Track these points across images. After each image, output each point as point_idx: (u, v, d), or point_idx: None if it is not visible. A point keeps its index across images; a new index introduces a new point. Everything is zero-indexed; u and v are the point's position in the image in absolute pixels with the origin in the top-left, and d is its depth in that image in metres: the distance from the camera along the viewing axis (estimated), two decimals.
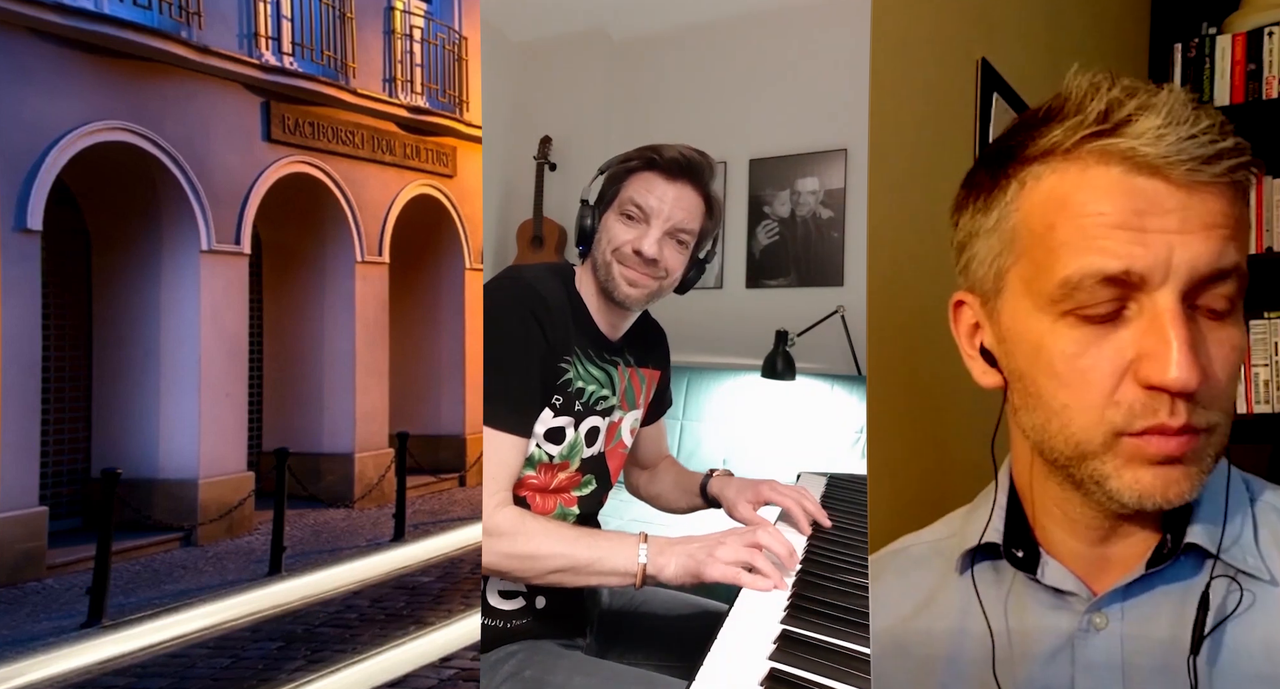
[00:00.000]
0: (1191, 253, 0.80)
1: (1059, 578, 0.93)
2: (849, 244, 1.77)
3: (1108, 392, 0.82)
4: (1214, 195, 0.81)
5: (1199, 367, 0.79)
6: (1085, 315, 0.82)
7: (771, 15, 1.81)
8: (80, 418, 7.09)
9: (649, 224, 1.48)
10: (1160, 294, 0.80)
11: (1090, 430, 0.83)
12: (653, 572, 1.36)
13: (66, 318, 7.01)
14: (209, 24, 7.07)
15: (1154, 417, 0.80)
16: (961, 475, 1.71)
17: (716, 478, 1.71)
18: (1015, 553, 0.95)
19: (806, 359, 1.80)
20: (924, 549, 1.09)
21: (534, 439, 1.49)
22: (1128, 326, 0.81)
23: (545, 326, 1.46)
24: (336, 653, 4.51)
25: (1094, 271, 0.80)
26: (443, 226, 9.65)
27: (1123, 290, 0.81)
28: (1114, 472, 0.83)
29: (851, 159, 1.75)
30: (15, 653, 4.55)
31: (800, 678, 1.11)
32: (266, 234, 8.40)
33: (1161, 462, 0.82)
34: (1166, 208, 0.80)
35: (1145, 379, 0.80)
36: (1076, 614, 0.92)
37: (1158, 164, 0.79)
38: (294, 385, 8.60)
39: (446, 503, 8.51)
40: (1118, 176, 0.81)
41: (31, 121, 6.00)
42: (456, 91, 9.56)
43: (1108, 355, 0.82)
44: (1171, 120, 0.79)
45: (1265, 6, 2.73)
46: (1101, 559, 0.92)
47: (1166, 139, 0.79)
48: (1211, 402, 0.81)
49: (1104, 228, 0.81)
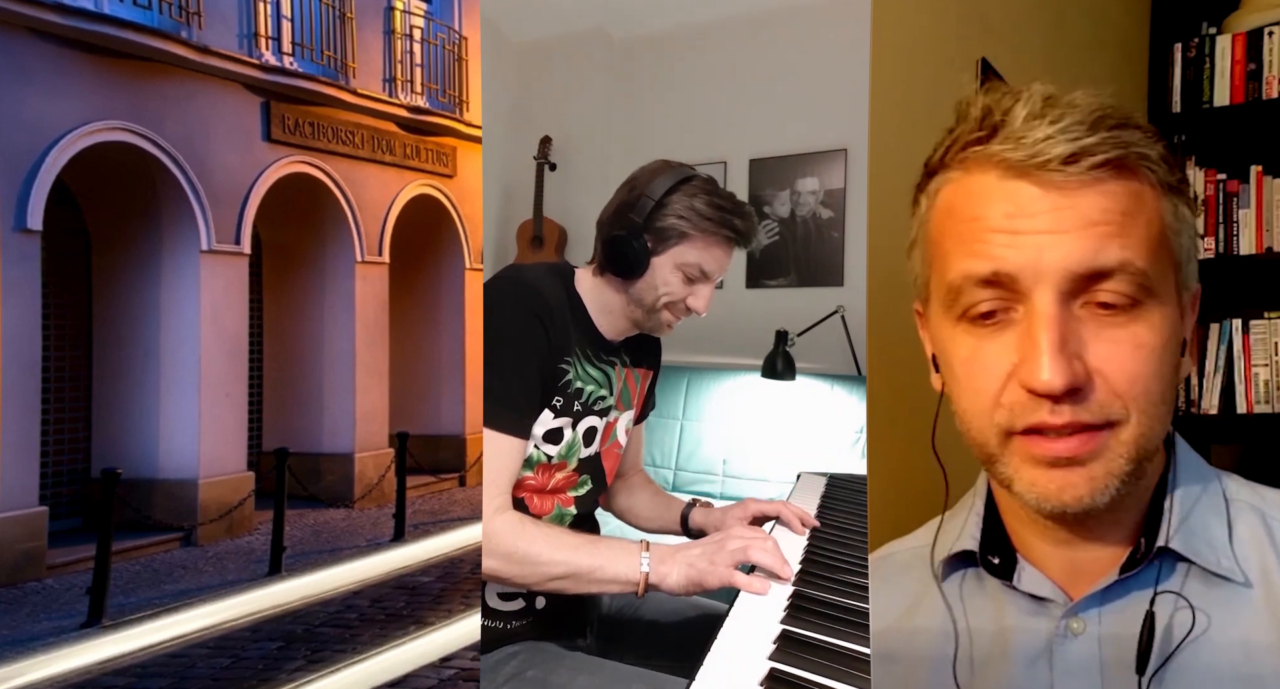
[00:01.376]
0: (1062, 253, 0.79)
1: (1035, 584, 0.93)
2: (849, 244, 1.78)
3: (994, 394, 0.83)
4: (1094, 192, 0.80)
5: (1070, 368, 0.78)
6: (974, 320, 0.84)
7: (771, 15, 1.81)
8: (80, 418, 7.09)
9: (706, 283, 1.52)
10: (1037, 296, 0.80)
11: (985, 433, 0.85)
12: (655, 580, 1.36)
13: (66, 318, 7.00)
14: (209, 24, 7.07)
15: (1035, 415, 0.81)
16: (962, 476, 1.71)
17: (698, 510, 1.71)
18: (991, 560, 0.96)
19: (806, 359, 1.80)
20: (908, 555, 1.09)
21: (533, 440, 1.49)
22: (1012, 330, 0.82)
23: (548, 327, 1.46)
24: (336, 653, 4.50)
25: (968, 274, 0.82)
26: (443, 226, 9.64)
27: (1002, 293, 0.81)
28: (1014, 473, 0.84)
29: (851, 159, 1.75)
30: (15, 653, 4.55)
31: (800, 678, 1.11)
32: (266, 234, 8.39)
33: (1056, 463, 0.81)
34: (1037, 210, 0.80)
35: (1021, 382, 0.80)
36: (1054, 619, 0.92)
37: (1024, 167, 0.80)
38: (294, 385, 8.60)
39: (446, 503, 8.51)
40: (994, 182, 0.82)
41: (31, 121, 6.00)
42: (456, 91, 9.56)
43: (993, 359, 0.83)
44: (1029, 120, 0.80)
45: (1265, 6, 2.73)
46: (1078, 563, 0.92)
47: (1025, 141, 0.79)
48: (1109, 400, 0.80)
49: (979, 232, 0.82)
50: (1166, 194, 0.83)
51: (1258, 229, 2.62)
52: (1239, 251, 2.62)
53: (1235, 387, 2.57)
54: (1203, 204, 2.66)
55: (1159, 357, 0.81)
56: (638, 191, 1.49)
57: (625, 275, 1.51)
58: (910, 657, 1.02)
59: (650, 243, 1.49)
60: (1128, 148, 0.80)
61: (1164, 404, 0.83)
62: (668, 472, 2.06)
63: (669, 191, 1.48)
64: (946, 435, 1.78)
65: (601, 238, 1.53)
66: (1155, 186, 0.83)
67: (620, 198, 1.53)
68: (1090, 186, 0.80)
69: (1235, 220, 2.63)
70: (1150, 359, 0.81)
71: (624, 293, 1.53)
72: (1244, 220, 2.63)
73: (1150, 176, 0.82)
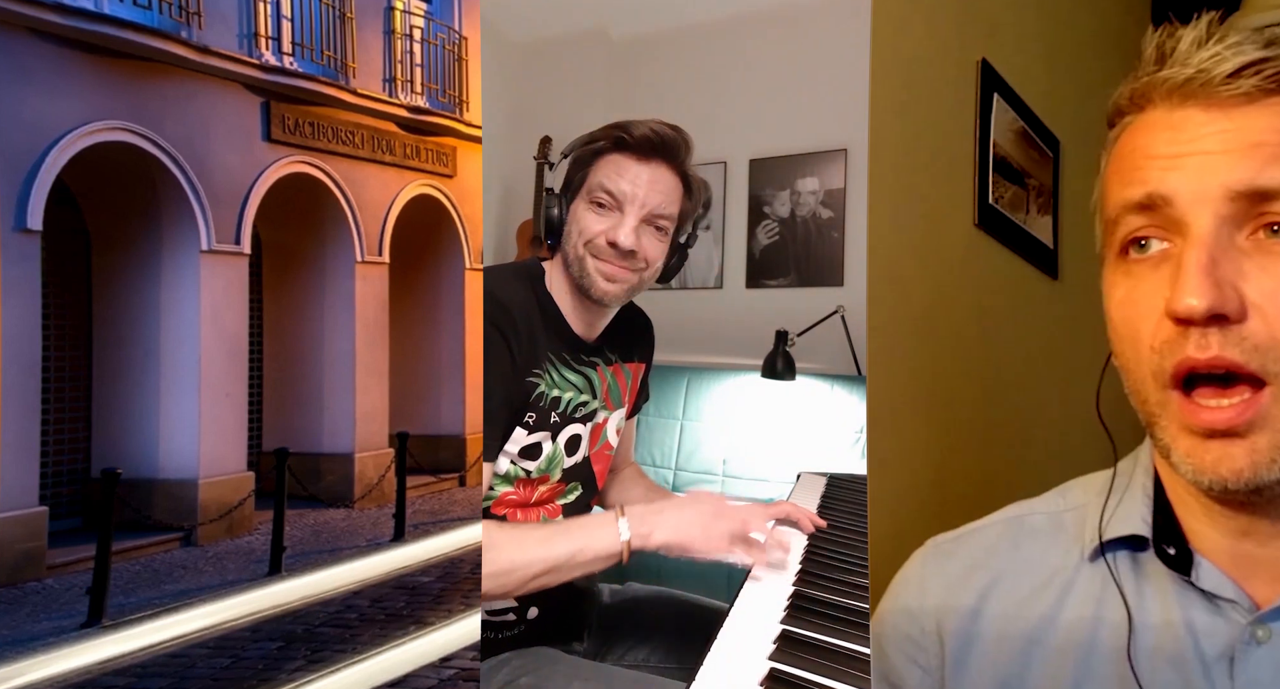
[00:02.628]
0: (1222, 172, 0.73)
1: (1216, 583, 0.83)
2: (849, 244, 1.77)
3: (1149, 336, 0.75)
4: (1261, 111, 0.75)
5: (1218, 291, 0.71)
6: (1131, 257, 0.77)
7: (771, 15, 1.81)
8: (80, 418, 7.09)
9: (623, 212, 1.35)
10: (1193, 219, 0.74)
11: (1145, 386, 0.77)
12: (638, 544, 1.29)
13: (66, 318, 7.00)
14: (209, 24, 7.07)
15: (1181, 351, 0.73)
16: (961, 475, 1.71)
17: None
18: (1167, 550, 0.85)
19: (806, 359, 1.80)
20: (1042, 521, 0.98)
21: (507, 457, 1.41)
22: (1169, 265, 0.75)
23: (509, 338, 1.35)
24: (336, 653, 4.50)
25: (1124, 203, 0.77)
26: (443, 226, 9.64)
27: (1158, 219, 0.76)
28: (1172, 440, 0.76)
29: (851, 159, 1.75)
30: (15, 653, 4.55)
31: (800, 678, 1.11)
32: (266, 234, 8.39)
33: (1213, 434, 0.73)
34: (1202, 133, 0.75)
35: (1166, 310, 0.73)
36: (1235, 624, 0.83)
37: (1189, 90, 0.76)
38: (294, 385, 8.60)
39: (446, 503, 8.51)
40: (1161, 114, 0.78)
41: (31, 121, 6.00)
42: (456, 91, 9.56)
43: (1148, 296, 0.76)
44: (1195, 43, 0.76)
45: (1266, 6, 2.73)
46: (1262, 562, 0.82)
47: (1191, 62, 0.76)
48: (1267, 343, 0.71)
49: (1139, 160, 0.78)
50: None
51: None
52: None
53: None
54: None
55: None
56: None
57: (552, 236, 1.40)
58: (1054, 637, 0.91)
59: (566, 196, 1.39)
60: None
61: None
62: (667, 472, 2.06)
63: (579, 142, 1.40)
64: (943, 430, 1.78)
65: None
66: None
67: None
68: (1259, 104, 0.75)
69: None
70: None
71: (559, 259, 1.42)
72: None
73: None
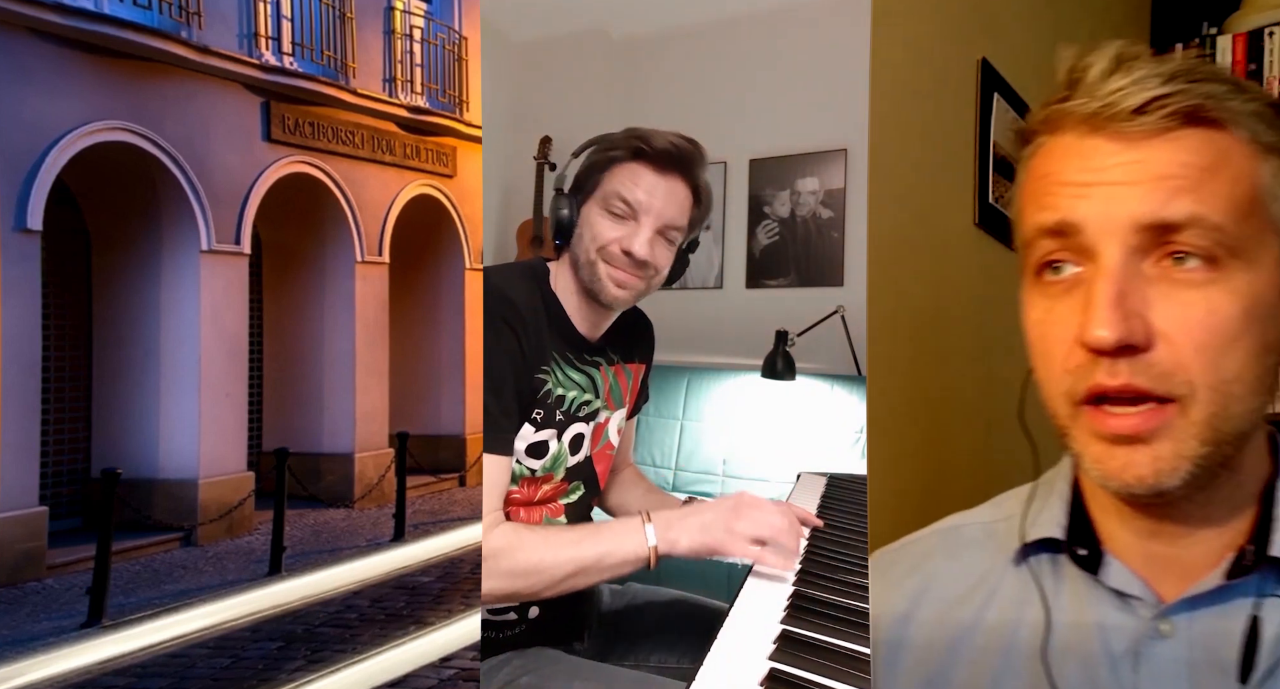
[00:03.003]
0: (1129, 204, 0.76)
1: (1123, 581, 0.87)
2: (849, 244, 1.77)
3: (1062, 358, 0.79)
4: (1166, 144, 0.76)
5: (1126, 323, 0.74)
6: (1045, 280, 0.80)
7: (771, 15, 1.81)
8: (80, 418, 7.09)
9: (638, 221, 1.37)
10: (1103, 249, 0.76)
11: (1057, 401, 0.81)
12: (665, 549, 1.31)
13: (66, 318, 7.00)
14: (209, 24, 7.07)
15: (1092, 377, 0.76)
16: (961, 475, 1.71)
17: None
18: (1078, 551, 0.90)
19: (806, 359, 1.80)
20: (976, 531, 1.02)
21: (514, 455, 1.42)
22: (1082, 290, 0.78)
23: (520, 335, 1.37)
24: (336, 653, 4.51)
25: (1037, 226, 0.80)
26: (443, 226, 9.64)
27: (1069, 244, 0.78)
28: (1083, 448, 0.80)
29: (851, 159, 1.75)
30: (15, 653, 4.55)
31: (800, 678, 1.11)
32: (266, 234, 8.40)
33: (1119, 440, 0.77)
34: (1109, 163, 0.77)
35: (1078, 337, 0.77)
36: (1141, 620, 0.87)
37: (1097, 121, 0.78)
38: (294, 385, 8.60)
39: (446, 503, 8.51)
40: (1072, 140, 0.80)
41: (31, 121, 6.00)
42: (456, 91, 9.56)
43: (1062, 320, 0.79)
44: (1102, 73, 0.78)
45: (1266, 6, 2.73)
46: (1164, 560, 0.86)
47: (1099, 93, 0.77)
48: (1172, 368, 0.75)
49: (1050, 186, 0.80)
50: (1265, 154, 0.78)
51: None
52: None
53: None
54: None
55: (1236, 326, 0.75)
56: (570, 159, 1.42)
57: (562, 236, 1.41)
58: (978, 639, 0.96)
59: (578, 197, 1.40)
60: (1205, 98, 0.76)
61: (1240, 383, 0.76)
62: (667, 472, 2.06)
63: (592, 143, 1.41)
64: (943, 430, 1.78)
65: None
66: (1246, 144, 0.78)
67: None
68: (1163, 138, 0.76)
69: None
70: (1224, 328, 0.75)
71: (568, 263, 1.43)
72: None
73: (1239, 132, 0.78)
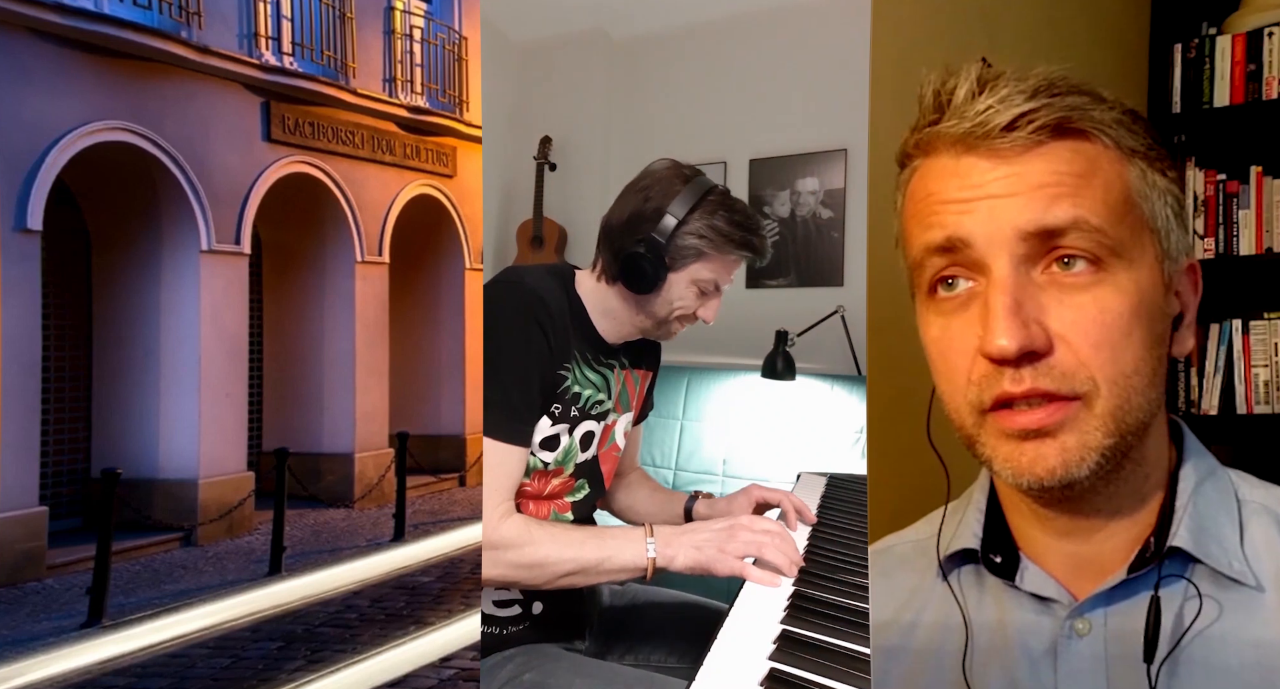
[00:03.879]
0: (1011, 214, 0.79)
1: (1038, 584, 0.91)
2: (849, 244, 1.77)
3: (965, 371, 0.82)
4: (1038, 156, 0.80)
5: (1026, 331, 0.77)
6: (939, 297, 0.83)
7: (771, 15, 1.81)
8: (80, 418, 7.09)
9: (718, 296, 1.52)
10: (993, 261, 0.79)
11: (961, 412, 0.84)
12: (662, 564, 1.36)
13: (66, 318, 7.00)
14: (209, 24, 7.07)
15: (998, 386, 0.79)
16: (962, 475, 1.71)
17: (701, 502, 1.71)
18: (994, 559, 0.93)
19: (806, 359, 1.80)
20: (908, 548, 1.07)
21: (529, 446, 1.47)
22: (976, 304, 0.81)
23: (548, 333, 1.43)
24: (336, 653, 4.50)
25: (925, 245, 0.83)
26: (443, 226, 9.64)
27: (959, 260, 0.81)
28: (992, 451, 0.83)
29: (851, 159, 1.75)
30: (15, 653, 4.55)
31: (800, 678, 1.11)
32: (266, 234, 8.39)
33: (1026, 436, 0.80)
34: (987, 179, 0.80)
35: (979, 349, 0.80)
36: (1058, 619, 0.90)
37: (970, 141, 0.81)
38: (294, 385, 8.60)
39: (446, 503, 8.51)
40: (948, 161, 0.83)
41: (31, 121, 6.00)
42: (456, 91, 9.55)
43: (960, 335, 0.82)
44: (969, 94, 0.81)
45: (1266, 7, 2.73)
46: (1081, 559, 0.89)
47: (968, 114, 0.80)
48: (1073, 368, 0.78)
49: (933, 205, 0.83)
50: (1129, 158, 0.82)
51: (1258, 230, 2.62)
52: (1239, 252, 2.62)
53: (1235, 387, 2.57)
54: (1202, 204, 2.66)
55: (1127, 322, 0.79)
56: (653, 204, 1.45)
57: (639, 291, 1.49)
58: (911, 652, 1.00)
59: (667, 260, 1.46)
60: (1070, 110, 0.80)
61: (1139, 376, 0.80)
62: (667, 472, 2.06)
63: (694, 208, 1.44)
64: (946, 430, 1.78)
65: (612, 248, 1.49)
66: (1112, 150, 0.82)
67: (632, 206, 1.47)
68: (1035, 151, 0.80)
69: (1235, 221, 2.64)
70: (1116, 324, 0.78)
71: (633, 303, 1.51)
72: (1244, 221, 2.63)
73: (1104, 139, 0.81)
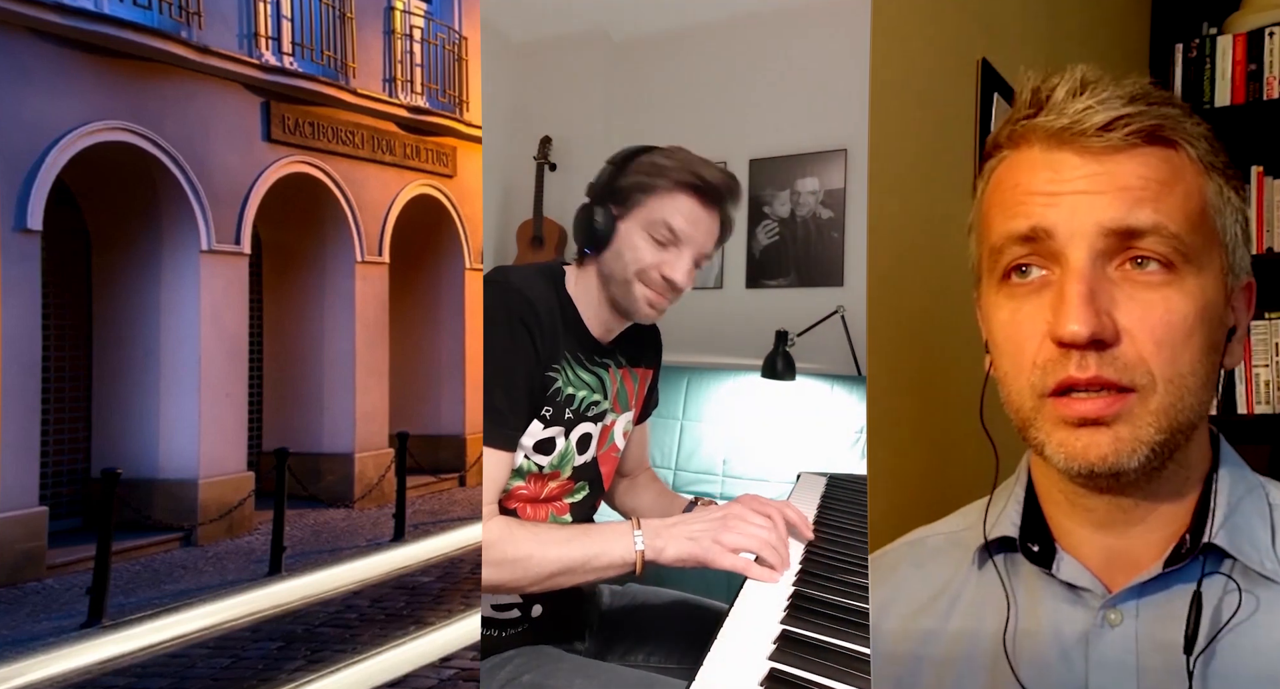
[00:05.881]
0: (1096, 211, 0.83)
1: (1073, 573, 0.93)
2: (849, 244, 1.77)
3: (1031, 355, 0.85)
4: (1128, 159, 0.84)
5: (1097, 319, 0.81)
6: (1013, 282, 0.87)
7: (771, 15, 1.81)
8: (80, 418, 7.09)
9: (680, 249, 1.43)
10: (1071, 252, 0.83)
11: (1023, 395, 0.87)
12: (651, 556, 1.36)
13: (66, 318, 7.01)
14: (209, 24, 7.07)
15: (1063, 371, 0.83)
16: (961, 475, 1.71)
17: (698, 509, 1.71)
18: (1031, 547, 0.96)
19: (806, 359, 1.80)
20: (940, 541, 1.09)
21: (522, 451, 1.46)
22: (1049, 291, 0.85)
23: (535, 335, 1.42)
24: (336, 653, 4.51)
25: (1008, 234, 0.86)
26: (443, 226, 9.65)
27: (1039, 249, 0.85)
28: (1046, 436, 0.86)
29: (851, 159, 1.75)
30: (15, 653, 4.55)
31: (800, 678, 1.11)
32: (266, 234, 8.40)
33: (1083, 423, 0.83)
34: (1077, 175, 0.84)
35: (1050, 334, 0.83)
36: (1091, 610, 0.92)
37: (1064, 137, 0.85)
38: (294, 385, 8.60)
39: (446, 503, 8.51)
40: (1038, 153, 0.87)
41: (31, 121, 6.00)
42: (456, 91, 9.56)
43: (1030, 319, 0.86)
44: (1070, 93, 0.85)
45: (1266, 6, 2.73)
46: (1117, 553, 0.92)
47: (1067, 112, 0.84)
48: (1135, 361, 0.82)
49: (1020, 196, 0.87)
50: (1209, 172, 0.86)
51: (1258, 229, 2.62)
52: None
53: (1236, 387, 2.57)
54: None
55: (1190, 325, 0.83)
56: (608, 170, 1.45)
57: (592, 246, 1.47)
58: (941, 645, 1.02)
59: (615, 210, 1.44)
60: (1164, 119, 0.84)
61: (1194, 377, 0.84)
62: (668, 472, 2.07)
63: (634, 156, 1.44)
64: (943, 430, 1.78)
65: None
66: (1195, 162, 0.86)
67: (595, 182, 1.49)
68: (1126, 153, 0.84)
69: None
70: (1180, 326, 0.83)
71: (600, 277, 1.48)
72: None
73: (1190, 152, 0.86)
